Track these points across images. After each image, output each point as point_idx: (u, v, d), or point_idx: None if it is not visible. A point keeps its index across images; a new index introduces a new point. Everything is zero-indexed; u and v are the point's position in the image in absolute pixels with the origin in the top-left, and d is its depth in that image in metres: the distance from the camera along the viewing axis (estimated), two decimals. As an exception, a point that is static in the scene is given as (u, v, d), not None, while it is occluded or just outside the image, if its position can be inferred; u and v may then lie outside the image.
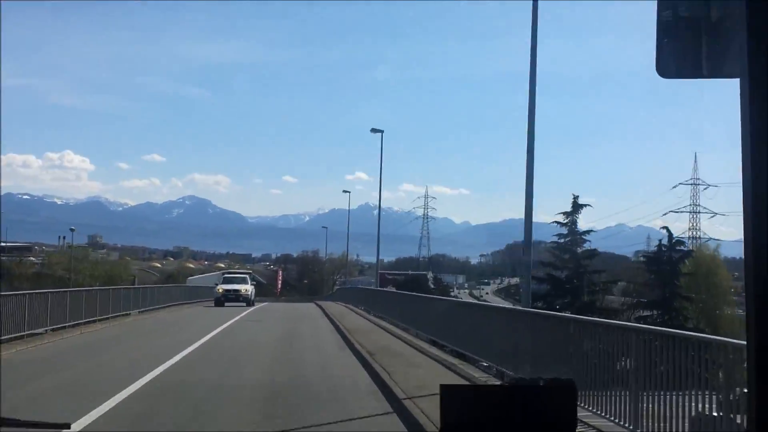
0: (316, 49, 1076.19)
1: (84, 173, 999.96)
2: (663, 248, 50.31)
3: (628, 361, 8.95)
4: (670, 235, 51.91)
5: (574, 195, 49.70)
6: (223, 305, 43.81)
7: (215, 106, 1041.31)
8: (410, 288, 67.15)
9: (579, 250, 48.54)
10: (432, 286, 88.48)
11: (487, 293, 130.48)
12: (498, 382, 12.77)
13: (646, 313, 47.46)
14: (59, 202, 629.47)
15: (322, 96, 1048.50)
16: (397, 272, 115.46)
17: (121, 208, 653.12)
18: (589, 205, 50.37)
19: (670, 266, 48.43)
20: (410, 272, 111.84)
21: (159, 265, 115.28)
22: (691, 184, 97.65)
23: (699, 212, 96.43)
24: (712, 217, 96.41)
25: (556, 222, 48.99)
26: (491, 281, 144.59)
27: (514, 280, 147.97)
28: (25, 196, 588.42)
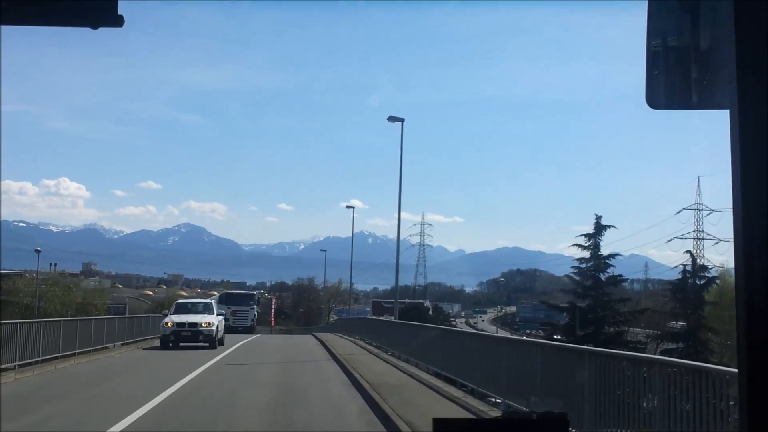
0: (309, 76, 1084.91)
1: (80, 200, 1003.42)
2: (687, 275, 46.35)
3: (654, 398, 8.19)
4: (694, 260, 48.13)
5: (596, 215, 44.67)
6: (175, 346, 30.34)
7: (210, 133, 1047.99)
8: (410, 317, 64.90)
9: (603, 276, 43.97)
10: (432, 315, 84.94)
11: (483, 321, 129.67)
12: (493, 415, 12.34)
13: (671, 345, 43.96)
14: (55, 230, 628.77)
15: (317, 123, 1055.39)
16: (397, 300, 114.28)
17: (116, 236, 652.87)
18: (613, 226, 45.75)
19: (694, 294, 44.64)
20: (407, 301, 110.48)
21: (151, 293, 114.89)
22: (695, 210, 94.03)
23: (703, 239, 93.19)
24: (717, 243, 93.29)
25: (576, 245, 44.27)
26: (487, 310, 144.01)
27: (511, 309, 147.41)
28: (20, 224, 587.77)
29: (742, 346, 1.58)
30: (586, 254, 43.78)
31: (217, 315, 33.10)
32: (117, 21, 1.94)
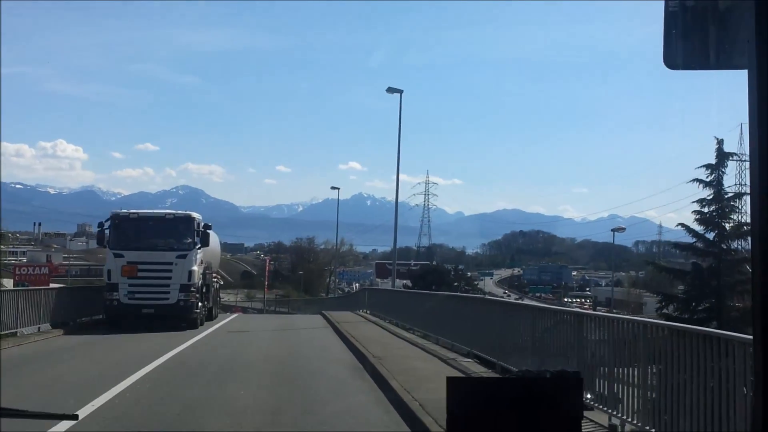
0: (310, 37, 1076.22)
1: (77, 162, 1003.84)
2: None
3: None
4: None
5: (717, 139, 32.07)
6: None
7: (209, 95, 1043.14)
8: (429, 282, 55.68)
9: (728, 225, 31.95)
10: (452, 278, 69.80)
11: (491, 282, 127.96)
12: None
13: None
14: (52, 192, 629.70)
15: (316, 85, 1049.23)
16: (403, 262, 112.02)
17: (114, 198, 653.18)
18: (735, 154, 34.26)
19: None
20: (412, 262, 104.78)
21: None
22: (738, 161, 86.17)
23: (745, 193, 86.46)
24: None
25: (696, 180, 32.23)
26: (493, 272, 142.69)
27: (517, 271, 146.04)
28: (18, 186, 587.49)
29: (757, 313, 1.58)
30: (708, 193, 32.13)
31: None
32: None
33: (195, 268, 24.14)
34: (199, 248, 24.48)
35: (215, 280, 30.04)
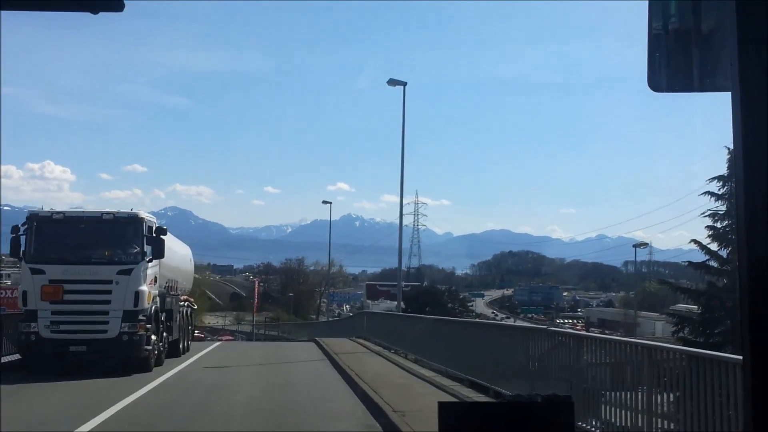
0: (297, 58, 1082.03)
1: (65, 184, 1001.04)
2: None
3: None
4: None
5: (729, 149, 29.20)
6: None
7: (197, 116, 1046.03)
8: (423, 303, 54.25)
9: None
10: (446, 299, 69.23)
11: (482, 304, 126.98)
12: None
13: None
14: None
15: (304, 106, 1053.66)
16: (393, 283, 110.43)
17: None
18: None
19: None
20: (403, 283, 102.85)
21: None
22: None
23: None
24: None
25: (708, 193, 30.05)
26: (484, 293, 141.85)
27: (508, 291, 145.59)
28: (6, 208, 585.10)
29: (746, 332, 1.58)
30: (720, 206, 29.96)
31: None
32: (117, 6, 1.90)
33: (144, 288, 17.91)
34: (151, 261, 18.36)
35: (186, 304, 24.32)
